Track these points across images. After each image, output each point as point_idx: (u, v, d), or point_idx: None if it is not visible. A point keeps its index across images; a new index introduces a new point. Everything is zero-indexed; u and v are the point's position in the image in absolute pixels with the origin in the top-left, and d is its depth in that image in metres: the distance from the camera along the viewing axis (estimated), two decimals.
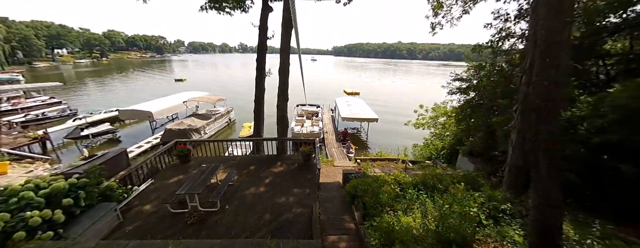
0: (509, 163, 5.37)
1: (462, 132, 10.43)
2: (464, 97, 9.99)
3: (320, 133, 15.96)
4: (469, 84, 9.79)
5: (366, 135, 19.11)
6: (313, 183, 7.25)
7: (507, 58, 8.63)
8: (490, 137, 7.75)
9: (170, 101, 18.29)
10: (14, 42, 79.22)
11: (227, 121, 19.77)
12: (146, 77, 53.65)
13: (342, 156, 13.24)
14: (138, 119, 17.01)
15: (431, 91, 48.18)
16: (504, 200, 4.66)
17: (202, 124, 16.21)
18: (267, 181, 7.42)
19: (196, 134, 15.33)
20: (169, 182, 7.46)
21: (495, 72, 8.48)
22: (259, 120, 10.65)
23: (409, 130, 21.97)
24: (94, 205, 5.51)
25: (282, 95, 8.63)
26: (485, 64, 9.22)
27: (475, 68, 9.42)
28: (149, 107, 16.67)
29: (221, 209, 6.11)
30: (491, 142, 7.79)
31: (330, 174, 9.75)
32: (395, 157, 11.52)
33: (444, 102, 14.09)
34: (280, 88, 8.61)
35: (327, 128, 18.77)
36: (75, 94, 34.88)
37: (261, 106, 10.55)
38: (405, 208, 4.84)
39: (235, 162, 8.72)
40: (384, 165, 10.31)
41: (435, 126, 12.87)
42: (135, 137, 17.13)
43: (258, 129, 10.64)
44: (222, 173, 7.92)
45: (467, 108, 9.93)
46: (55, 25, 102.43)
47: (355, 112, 16.58)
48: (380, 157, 11.16)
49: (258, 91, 10.44)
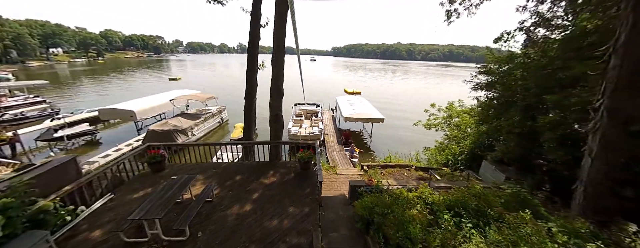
0: (584, 180, 3.93)
1: (485, 134, 8.99)
2: (490, 93, 8.54)
3: (320, 135, 14.48)
4: (495, 77, 8.34)
5: (370, 137, 17.63)
6: (313, 199, 5.76)
7: (543, 47, 7.23)
8: (531, 140, 6.33)
9: (155, 100, 16.77)
10: (7, 41, 77.62)
11: (219, 121, 18.24)
12: (140, 77, 52.09)
13: (345, 161, 11.75)
14: (120, 118, 15.51)
15: (434, 90, 46.92)
16: (591, 236, 3.19)
17: (190, 124, 14.69)
18: (256, 196, 5.93)
19: (182, 136, 13.82)
20: (132, 198, 5.96)
21: (531, 63, 7.05)
22: (250, 120, 9.16)
23: (414, 132, 20.59)
24: (18, 234, 4.00)
25: (275, 91, 7.15)
26: (518, 53, 7.80)
27: (505, 59, 7.98)
28: (132, 105, 15.15)
29: (191, 237, 4.64)
30: (531, 147, 6.36)
31: (333, 184, 8.27)
32: (407, 162, 10.06)
33: (459, 100, 12.65)
34: (274, 82, 7.14)
35: (328, 129, 17.28)
36: (64, 93, 33.28)
37: (252, 104, 9.07)
38: (443, 244, 3.37)
39: (219, 171, 7.23)
40: (395, 173, 8.84)
41: (450, 127, 11.43)
42: (119, 139, 15.59)
43: (249, 131, 9.15)
44: (199, 186, 6.42)
45: (492, 106, 8.48)
46: (50, 24, 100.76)
47: (358, 111, 15.12)
48: (389, 162, 9.71)
49: (249, 87, 8.96)
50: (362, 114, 14.72)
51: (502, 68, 8.26)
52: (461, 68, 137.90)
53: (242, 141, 8.84)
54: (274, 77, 7.05)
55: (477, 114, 9.39)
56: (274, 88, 7.15)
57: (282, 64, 7.04)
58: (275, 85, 7.09)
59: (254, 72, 8.90)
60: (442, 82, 65.59)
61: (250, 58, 8.73)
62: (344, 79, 63.86)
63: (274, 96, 7.20)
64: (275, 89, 7.15)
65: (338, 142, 14.75)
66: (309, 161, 7.01)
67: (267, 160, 7.88)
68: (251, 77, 8.93)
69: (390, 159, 9.98)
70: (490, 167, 8.50)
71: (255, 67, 8.87)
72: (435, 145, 12.80)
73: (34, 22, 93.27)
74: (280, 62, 6.96)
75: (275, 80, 7.05)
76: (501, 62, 8.29)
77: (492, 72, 8.40)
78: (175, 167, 7.56)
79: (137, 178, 6.97)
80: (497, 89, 8.04)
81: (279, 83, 7.10)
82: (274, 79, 7.08)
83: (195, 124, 15.17)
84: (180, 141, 13.64)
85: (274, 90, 7.17)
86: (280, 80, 7.12)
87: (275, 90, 7.16)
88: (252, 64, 8.78)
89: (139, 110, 15.04)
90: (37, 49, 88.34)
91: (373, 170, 9.06)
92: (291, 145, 7.83)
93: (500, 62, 8.28)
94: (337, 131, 17.04)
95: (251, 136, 9.25)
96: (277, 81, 7.06)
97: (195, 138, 15.12)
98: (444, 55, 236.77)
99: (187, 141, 14.04)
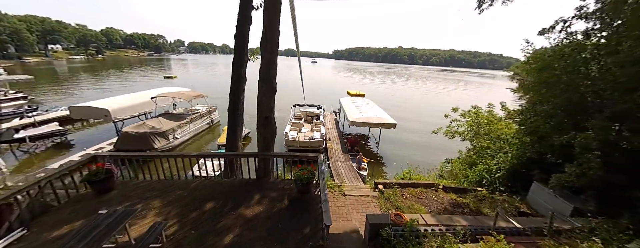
0: None
1: (532, 147, 7.03)
2: (537, 97, 6.57)
3: (322, 142, 12.50)
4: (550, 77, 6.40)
5: (377, 143, 15.67)
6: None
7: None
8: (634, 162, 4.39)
9: (135, 97, 14.84)
10: (4, 36, 76.44)
11: (209, 123, 16.28)
12: (136, 74, 50.43)
13: (352, 174, 9.76)
14: (93, 118, 13.61)
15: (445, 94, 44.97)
16: None
17: (172, 126, 12.72)
18: (229, 240, 3.96)
19: (161, 140, 11.84)
20: (51, 236, 4.03)
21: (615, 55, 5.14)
22: (235, 123, 7.20)
23: (426, 137, 18.62)
24: None
25: (265, 84, 5.20)
26: (588, 43, 5.90)
27: (569, 51, 6.06)
28: (107, 104, 13.21)
29: None
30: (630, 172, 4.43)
31: (340, 210, 6.27)
32: (430, 179, 8.08)
33: (489, 104, 10.69)
34: (263, 71, 5.19)
35: (331, 134, 15.29)
36: (53, 89, 31.41)
37: (239, 103, 7.12)
38: None
39: (185, 193, 5.25)
40: (420, 195, 6.86)
41: (479, 137, 9.46)
42: (92, 141, 13.63)
43: (233, 137, 7.18)
44: (150, 219, 4.45)
45: (546, 114, 6.52)
46: (50, 20, 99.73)
47: (367, 115, 13.14)
48: (409, 180, 7.74)
49: (235, 82, 7.03)
50: (372, 118, 12.74)
51: (562, 63, 6.34)
52: (463, 73, 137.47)
53: (221, 153, 6.87)
54: (264, 64, 5.10)
55: (523, 121, 7.44)
56: (264, 79, 5.19)
57: (275, 48, 5.10)
58: (266, 76, 5.14)
59: (242, 63, 6.97)
60: (449, 86, 63.77)
61: (238, 46, 6.81)
62: (346, 80, 62.06)
63: (264, 91, 5.24)
64: (266, 81, 5.19)
65: (343, 149, 12.77)
66: (309, 183, 5.05)
67: (253, 179, 5.90)
68: (238, 69, 7.00)
69: (410, 175, 8.02)
70: (544, 190, 6.51)
71: (244, 57, 6.94)
72: (458, 156, 10.82)
73: (33, 18, 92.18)
74: (273, 43, 5.01)
75: (265, 68, 5.10)
76: (561, 55, 6.37)
77: (547, 68, 6.47)
78: (129, 186, 5.59)
79: (71, 203, 4.99)
80: (553, 91, 6.10)
81: (271, 73, 5.15)
82: (263, 66, 5.12)
83: (178, 125, 13.20)
84: (159, 145, 11.67)
85: (264, 82, 5.21)
86: (272, 69, 5.17)
87: (265, 83, 5.20)
88: (240, 52, 6.85)
89: (115, 109, 13.09)
90: (35, 44, 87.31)
91: (391, 191, 7.08)
92: (285, 157, 5.85)
93: (560, 55, 6.35)
94: (341, 137, 15.07)
95: (236, 144, 7.28)
96: (267, 70, 5.11)
97: (179, 142, 13.14)
98: (445, 60, 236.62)
99: (166, 146, 12.07)
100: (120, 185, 5.69)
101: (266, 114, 5.42)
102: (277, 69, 5.45)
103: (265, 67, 5.15)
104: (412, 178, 7.98)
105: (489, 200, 6.81)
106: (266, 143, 5.66)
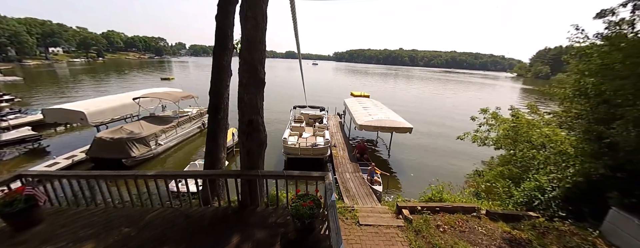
0: None
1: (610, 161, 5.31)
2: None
3: (327, 149, 10.80)
4: None
5: (388, 150, 13.96)
6: None
7: None
8: None
9: (117, 99, 13.28)
10: (3, 38, 76.17)
11: (200, 127, 14.65)
12: (135, 76, 49.31)
13: (364, 191, 8.03)
14: (68, 121, 12.09)
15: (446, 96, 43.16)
16: None
17: (154, 130, 11.10)
18: None
19: (140, 146, 10.21)
20: None
21: None
22: (217, 128, 5.56)
23: (432, 141, 16.90)
24: None
25: (247, 73, 3.55)
26: None
27: None
28: (83, 106, 11.66)
29: None
30: None
31: (354, 246, 4.57)
32: (467, 199, 6.35)
33: (531, 106, 8.99)
34: (245, 54, 3.52)
35: (336, 139, 13.60)
36: (46, 91, 30.10)
37: (221, 101, 5.50)
38: None
39: (132, 233, 3.60)
40: (459, 225, 5.15)
41: (520, 145, 7.74)
42: (70, 148, 12.04)
43: (214, 147, 5.53)
44: None
45: None
46: (50, 23, 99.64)
47: (378, 117, 11.43)
48: (440, 201, 6.02)
49: (217, 73, 5.42)
50: (384, 121, 11.02)
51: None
52: (465, 74, 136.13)
53: (182, 172, 5.20)
54: (245, 44, 3.45)
55: (590, 128, 5.73)
56: (246, 66, 3.54)
57: (260, 19, 3.44)
58: (248, 61, 3.49)
59: (225, 50, 5.35)
60: (453, 86, 61.93)
61: (220, 23, 5.20)
62: (349, 81, 60.46)
63: (245, 83, 3.58)
64: (248, 69, 3.54)
65: (350, 157, 11.06)
66: (312, 220, 3.39)
67: (234, 207, 4.24)
68: (220, 58, 5.38)
69: (441, 194, 6.29)
70: (632, 222, 4.77)
71: (226, 42, 5.32)
72: (488, 167, 9.09)
73: (33, 21, 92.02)
74: (257, 12, 3.36)
75: (247, 51, 3.46)
76: None
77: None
78: (64, 216, 3.98)
79: None
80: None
81: (255, 57, 3.49)
82: (245, 49, 3.48)
83: (163, 129, 11.58)
84: (138, 153, 10.04)
85: (246, 71, 3.56)
86: (257, 52, 3.50)
87: (247, 72, 3.55)
88: (222, 35, 5.24)
89: (92, 112, 11.52)
90: (34, 47, 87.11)
91: (421, 219, 5.36)
92: (278, 179, 4.17)
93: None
94: (348, 143, 13.37)
95: (218, 156, 5.62)
96: (251, 53, 3.46)
97: (163, 149, 11.51)
98: (446, 62, 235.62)
99: (147, 154, 10.43)
100: (53, 215, 4.07)
101: (250, 116, 3.76)
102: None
103: (248, 50, 3.50)
104: (444, 199, 6.25)
105: (553, 232, 5.08)
106: (251, 158, 3.98)
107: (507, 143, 8.25)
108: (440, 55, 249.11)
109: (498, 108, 9.71)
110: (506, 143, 8.27)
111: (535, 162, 7.23)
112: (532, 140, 7.91)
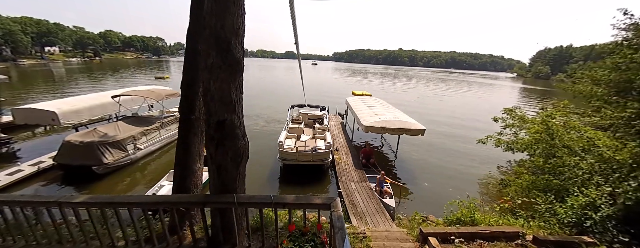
0: None
1: None
2: None
3: (328, 154, 9.53)
4: None
5: (395, 154, 12.72)
6: None
7: None
8: None
9: (95, 98, 11.99)
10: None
11: None
12: (130, 76, 48.13)
13: (374, 206, 6.76)
14: (39, 122, 10.83)
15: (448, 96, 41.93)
16: None
17: (133, 132, 9.81)
18: None
19: (115, 151, 8.93)
20: None
21: None
22: (188, 133, 4.32)
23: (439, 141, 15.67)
24: None
25: (216, 49, 2.31)
26: None
27: None
28: (55, 105, 10.39)
29: None
30: None
31: None
32: (510, 224, 5.09)
33: (564, 104, 7.78)
34: (212, 25, 2.30)
35: (338, 142, 12.34)
36: (35, 91, 28.82)
37: (196, 97, 4.25)
38: None
39: None
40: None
41: (557, 149, 6.52)
42: (44, 153, 10.75)
43: (185, 158, 4.30)
44: None
45: None
46: (46, 22, 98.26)
47: (386, 118, 10.14)
48: (474, 225, 4.77)
49: (192, 62, 4.17)
50: (393, 122, 9.75)
51: None
52: (465, 74, 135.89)
53: (124, 198, 3.96)
54: (212, 2, 2.24)
55: None
56: (212, 38, 2.30)
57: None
58: (216, 32, 2.26)
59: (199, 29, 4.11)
60: (453, 86, 60.74)
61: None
62: (349, 81, 59.23)
63: (211, 64, 2.34)
64: (216, 43, 2.29)
65: (355, 163, 9.81)
66: None
67: (201, 247, 2.98)
68: (197, 38, 4.14)
69: (474, 214, 5.03)
70: None
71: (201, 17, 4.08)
72: (514, 175, 7.85)
73: (28, 20, 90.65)
74: None
75: (214, 13, 2.22)
76: None
77: None
78: None
79: None
80: None
81: (227, 25, 2.27)
82: (211, 7, 2.25)
83: (143, 132, 10.30)
84: (111, 159, 8.75)
85: (214, 45, 2.31)
86: (232, 15, 2.27)
87: (215, 47, 2.31)
88: (198, 6, 4.00)
89: (65, 111, 10.24)
90: (29, 46, 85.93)
91: (450, 246, 4.13)
92: (264, 208, 2.88)
93: None
94: (351, 146, 12.11)
95: (192, 168, 4.37)
96: (220, 17, 2.23)
97: (142, 154, 10.23)
98: (446, 62, 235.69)
99: (123, 160, 9.15)
100: None
101: (221, 115, 2.53)
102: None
103: (215, 14, 2.27)
104: (477, 221, 5.00)
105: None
106: (224, 178, 2.73)
107: (542, 148, 7.02)
108: (439, 55, 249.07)
109: (543, 107, 8.50)
110: (541, 148, 7.03)
111: (579, 172, 6.02)
112: (570, 145, 6.70)
